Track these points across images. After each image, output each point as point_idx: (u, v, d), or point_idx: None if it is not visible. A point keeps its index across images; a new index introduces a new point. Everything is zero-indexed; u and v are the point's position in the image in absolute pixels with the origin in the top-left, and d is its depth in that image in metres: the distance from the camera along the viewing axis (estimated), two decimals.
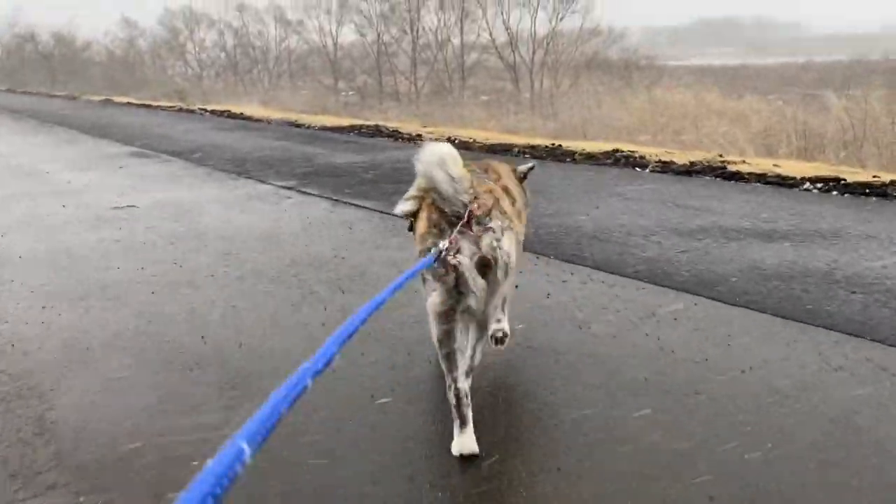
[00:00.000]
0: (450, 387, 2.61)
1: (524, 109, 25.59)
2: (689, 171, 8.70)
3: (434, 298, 2.58)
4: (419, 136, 13.02)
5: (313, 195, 7.87)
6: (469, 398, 2.62)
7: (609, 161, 9.72)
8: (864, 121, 12.52)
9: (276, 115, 20.06)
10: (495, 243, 2.55)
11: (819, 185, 7.51)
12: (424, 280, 2.62)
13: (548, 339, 3.64)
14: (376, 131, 14.40)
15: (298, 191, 8.17)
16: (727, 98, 21.53)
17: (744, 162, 9.07)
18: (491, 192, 2.71)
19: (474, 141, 12.46)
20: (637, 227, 5.95)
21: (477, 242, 2.53)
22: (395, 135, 13.78)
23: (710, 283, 4.47)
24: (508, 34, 28.91)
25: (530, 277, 4.55)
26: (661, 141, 13.38)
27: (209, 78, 44.52)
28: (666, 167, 9.03)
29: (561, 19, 28.95)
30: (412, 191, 2.77)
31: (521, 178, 3.24)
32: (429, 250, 2.52)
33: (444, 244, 2.46)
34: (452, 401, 2.61)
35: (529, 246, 4.60)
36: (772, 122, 16.70)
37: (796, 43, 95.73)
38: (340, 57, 39.94)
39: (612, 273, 4.75)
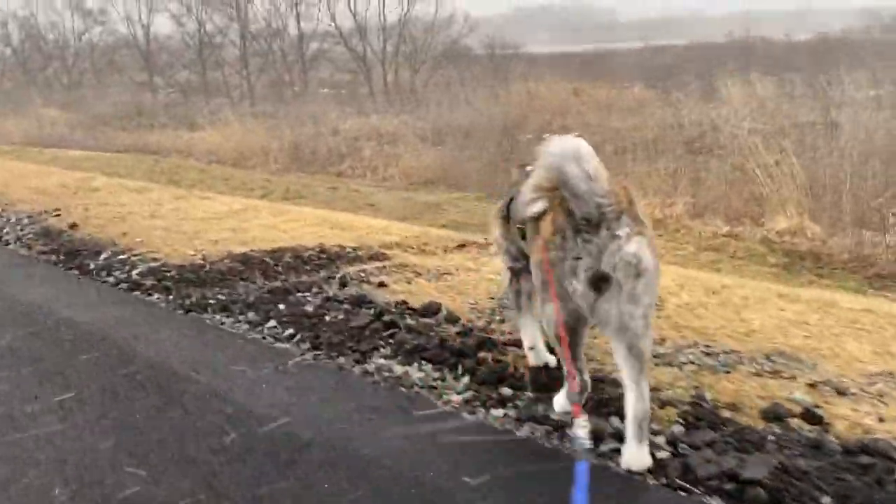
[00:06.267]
0: (573, 377, 2.50)
1: (381, 104, 22.60)
2: None
3: (549, 311, 2.53)
4: None
5: None
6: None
7: None
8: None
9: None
10: (616, 248, 2.34)
11: None
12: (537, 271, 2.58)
13: None
14: None
15: None
16: (613, 88, 19.87)
17: None
18: (626, 190, 2.48)
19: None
20: None
21: (600, 253, 2.35)
22: None
23: None
24: (356, 21, 25.76)
25: None
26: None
27: None
28: None
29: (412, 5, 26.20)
30: (541, 181, 2.52)
31: None
32: (552, 264, 2.43)
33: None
34: (575, 393, 2.52)
35: None
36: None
37: (614, 29, 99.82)
38: (155, 50, 34.60)
39: None
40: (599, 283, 2.36)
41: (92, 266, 5.25)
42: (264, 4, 29.28)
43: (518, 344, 3.23)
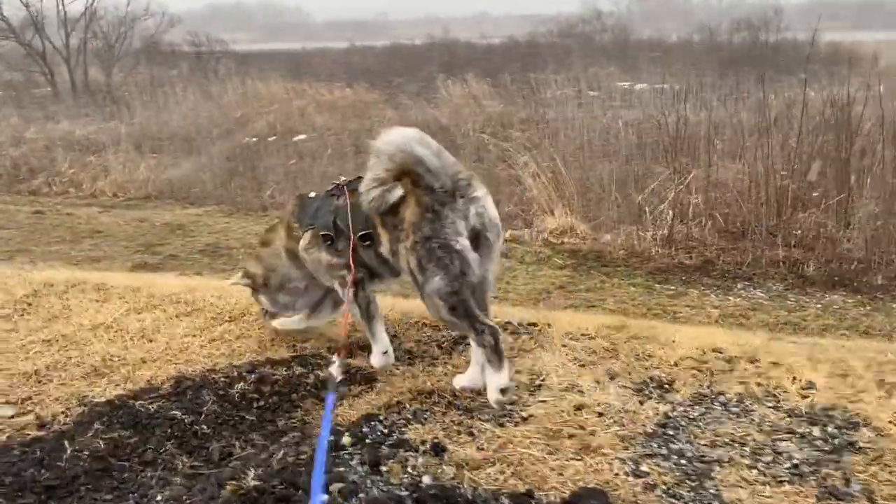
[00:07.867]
0: (482, 331, 2.59)
1: (72, 108, 19.72)
2: None
3: (438, 283, 2.58)
4: None
5: None
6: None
7: None
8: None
9: None
10: (481, 210, 2.63)
11: None
12: (423, 269, 2.61)
13: None
14: None
15: None
16: (335, 88, 19.47)
17: None
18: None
19: None
20: None
21: (465, 216, 2.58)
22: None
23: None
24: (29, 12, 22.05)
25: None
26: None
27: None
28: None
29: None
30: (381, 174, 2.62)
31: None
32: (427, 238, 2.55)
33: None
34: (490, 342, 2.58)
35: None
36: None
37: (310, 28, 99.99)
38: None
39: None
40: (477, 240, 2.62)
41: None
42: None
43: None
